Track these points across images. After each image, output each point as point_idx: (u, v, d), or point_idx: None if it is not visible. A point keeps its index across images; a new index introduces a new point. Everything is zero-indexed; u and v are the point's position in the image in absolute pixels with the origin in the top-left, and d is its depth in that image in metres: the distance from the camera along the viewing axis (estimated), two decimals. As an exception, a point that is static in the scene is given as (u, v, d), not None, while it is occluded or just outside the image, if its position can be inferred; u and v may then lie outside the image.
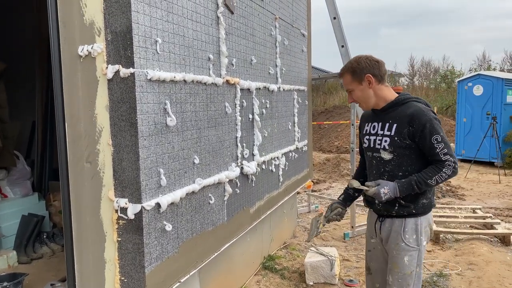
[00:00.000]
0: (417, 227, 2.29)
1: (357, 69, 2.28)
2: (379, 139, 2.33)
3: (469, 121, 11.33)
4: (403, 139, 2.22)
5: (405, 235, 2.29)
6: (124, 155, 2.21)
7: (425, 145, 2.18)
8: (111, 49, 2.17)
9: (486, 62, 19.23)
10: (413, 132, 2.19)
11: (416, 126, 2.17)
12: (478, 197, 7.66)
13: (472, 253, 4.61)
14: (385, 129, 2.29)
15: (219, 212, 3.04)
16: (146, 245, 2.23)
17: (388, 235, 2.36)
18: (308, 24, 5.41)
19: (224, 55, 3.02)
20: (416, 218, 2.30)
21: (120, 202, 2.22)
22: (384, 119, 2.31)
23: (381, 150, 2.32)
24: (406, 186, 2.20)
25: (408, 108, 2.24)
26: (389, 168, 2.30)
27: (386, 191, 2.19)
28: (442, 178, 2.18)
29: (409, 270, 2.31)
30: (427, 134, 2.15)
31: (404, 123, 2.21)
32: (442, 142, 2.15)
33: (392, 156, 2.28)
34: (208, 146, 2.86)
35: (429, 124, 2.16)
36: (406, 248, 2.29)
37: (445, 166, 2.16)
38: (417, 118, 2.18)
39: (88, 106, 2.26)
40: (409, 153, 2.24)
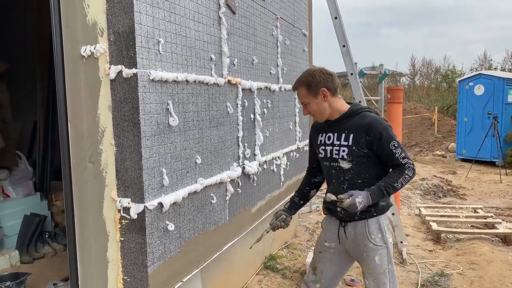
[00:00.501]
0: (380, 226, 2.38)
1: (312, 83, 2.32)
2: (336, 149, 2.39)
3: (470, 121, 11.34)
4: (361, 148, 2.31)
5: (371, 235, 2.37)
6: (127, 155, 2.21)
7: (384, 152, 2.29)
8: (113, 49, 2.18)
9: (487, 62, 19.23)
10: (370, 141, 2.29)
11: (373, 135, 2.28)
12: (479, 196, 7.66)
13: (473, 252, 4.62)
14: (341, 139, 2.37)
15: (221, 212, 3.05)
16: (149, 245, 2.24)
17: (353, 238, 2.42)
18: (309, 24, 5.41)
19: (226, 55, 3.03)
20: (377, 218, 2.38)
21: (123, 201, 2.23)
22: (340, 130, 2.39)
23: (339, 160, 2.39)
24: (377, 192, 2.27)
25: (363, 118, 2.34)
26: (349, 177, 2.38)
27: (360, 200, 2.22)
28: (406, 180, 2.29)
29: (381, 269, 2.39)
30: (385, 142, 2.27)
31: (361, 132, 2.31)
32: (399, 147, 2.28)
33: (351, 165, 2.36)
34: (210, 146, 2.87)
35: (385, 132, 2.27)
36: (374, 248, 2.37)
37: (406, 168, 2.28)
38: (374, 128, 2.28)
39: (90, 106, 2.26)
40: (367, 161, 2.34)
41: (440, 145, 13.93)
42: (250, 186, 3.53)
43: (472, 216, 5.83)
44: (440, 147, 13.72)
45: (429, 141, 14.40)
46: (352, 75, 4.69)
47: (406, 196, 7.23)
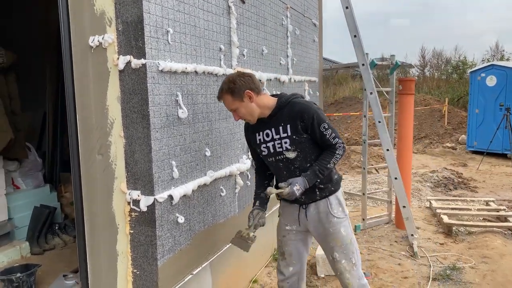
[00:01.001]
0: (339, 201, 2.52)
1: (234, 89, 2.32)
2: (278, 143, 2.42)
3: (482, 113, 11.17)
4: (300, 135, 2.37)
5: (333, 210, 2.48)
6: (136, 147, 2.19)
7: (316, 134, 2.37)
8: (122, 39, 2.14)
9: (499, 52, 18.92)
10: (305, 126, 2.36)
11: (306, 120, 2.34)
12: (490, 189, 7.55)
13: (485, 246, 4.55)
14: (280, 133, 2.41)
15: (231, 204, 3.02)
16: (158, 238, 2.22)
17: (316, 217, 2.51)
18: (319, 13, 5.33)
19: (235, 46, 2.98)
20: (336, 194, 2.51)
21: (133, 194, 2.21)
22: (276, 124, 2.42)
23: (284, 152, 2.42)
24: (312, 176, 2.36)
25: (293, 106, 2.39)
26: (298, 164, 2.43)
27: (298, 187, 2.32)
28: (337, 159, 2.40)
29: (348, 239, 2.51)
30: (316, 125, 2.34)
31: (295, 120, 2.36)
32: (330, 128, 2.36)
33: (297, 153, 2.41)
34: (219, 139, 2.83)
35: (315, 115, 2.34)
36: (339, 221, 2.49)
37: (336, 148, 2.38)
38: (306, 113, 2.34)
39: (99, 98, 2.24)
40: (309, 144, 2.41)
41: (450, 137, 13.77)
42: (259, 178, 3.49)
43: (484, 209, 5.74)
44: (450, 139, 13.56)
45: (439, 133, 14.23)
46: (363, 65, 4.61)
47: (416, 188, 7.15)
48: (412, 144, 5.48)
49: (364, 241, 4.90)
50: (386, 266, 4.13)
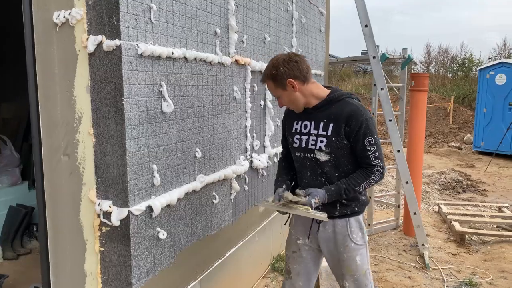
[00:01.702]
0: (360, 224, 2.20)
1: (277, 76, 2.06)
2: (313, 139, 2.14)
3: (490, 112, 10.77)
4: (341, 139, 2.08)
5: (352, 234, 2.17)
6: (108, 148, 1.80)
7: (358, 145, 2.07)
8: (93, 15, 1.74)
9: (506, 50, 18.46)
10: (349, 132, 2.06)
11: (353, 126, 2.04)
12: (501, 193, 7.18)
13: (502, 258, 4.18)
14: (319, 129, 2.12)
15: (224, 213, 2.64)
16: (134, 258, 1.84)
17: (331, 237, 2.20)
18: (327, 1, 4.92)
19: (233, 30, 2.58)
20: (358, 216, 2.20)
21: (103, 205, 1.82)
22: (318, 118, 2.13)
23: (316, 151, 2.14)
24: (335, 193, 2.07)
25: (344, 106, 2.09)
26: (326, 170, 2.14)
27: (316, 200, 2.02)
28: (370, 184, 2.10)
29: (362, 270, 2.20)
30: (361, 135, 2.04)
31: (341, 122, 2.07)
32: (375, 145, 2.06)
33: (329, 157, 2.12)
34: (212, 137, 2.44)
35: (365, 124, 2.04)
36: (356, 248, 2.18)
37: (373, 172, 2.07)
38: (355, 118, 2.04)
39: (65, 87, 1.84)
40: (346, 153, 2.11)
41: (455, 136, 13.39)
42: (258, 182, 3.10)
43: (497, 216, 5.37)
44: (455, 139, 13.18)
45: (444, 132, 13.84)
46: (374, 58, 4.21)
47: (423, 191, 6.77)
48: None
49: (370, 249, 4.52)
50: (395, 280, 3.75)
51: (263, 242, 3.71)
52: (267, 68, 2.10)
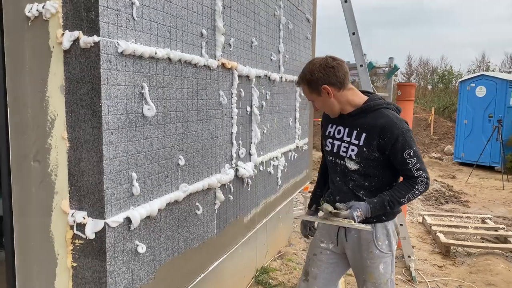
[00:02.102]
0: (388, 232, 2.16)
1: (312, 81, 2.05)
2: (345, 146, 2.14)
3: (470, 123, 10.92)
4: (372, 151, 2.05)
5: (378, 241, 2.14)
6: (83, 154, 1.64)
7: (396, 159, 2.03)
8: (69, 9, 1.60)
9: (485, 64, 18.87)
10: (383, 145, 2.02)
11: (387, 139, 2.00)
12: (483, 204, 7.22)
13: (488, 270, 4.13)
14: (352, 137, 2.11)
15: (208, 224, 2.49)
16: (110, 274, 1.68)
17: (356, 243, 2.18)
18: (314, 9, 4.85)
19: (220, 32, 2.46)
20: (386, 223, 2.15)
21: (77, 216, 1.66)
22: (352, 126, 2.12)
23: (346, 159, 2.14)
24: (379, 207, 2.03)
25: (378, 117, 2.05)
26: (355, 178, 2.14)
27: (359, 213, 1.98)
28: (415, 195, 2.05)
29: (385, 278, 2.17)
30: (399, 149, 2.00)
31: (374, 134, 2.04)
32: (415, 157, 2.00)
33: (358, 167, 2.11)
34: (197, 144, 2.30)
35: (401, 137, 1.99)
36: (380, 255, 2.14)
37: (417, 183, 2.02)
38: (389, 131, 2.00)
39: (37, 87, 1.68)
40: (376, 164, 2.09)
41: (436, 147, 13.53)
42: (243, 191, 2.97)
43: (481, 228, 5.36)
44: (436, 149, 13.32)
45: (425, 143, 13.98)
46: (361, 66, 4.15)
47: (407, 201, 6.75)
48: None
49: (355, 261, 4.42)
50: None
51: (247, 254, 3.57)
52: (302, 72, 2.09)
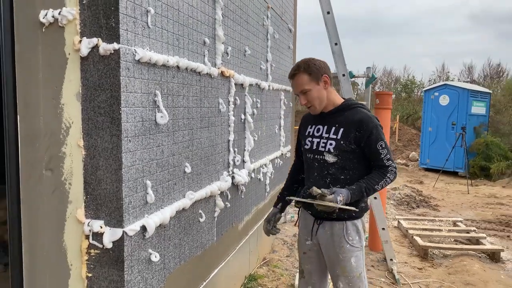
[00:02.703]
0: (357, 228, 2.30)
1: (314, 69, 2.21)
2: (324, 141, 2.29)
3: (435, 131, 11.36)
4: (349, 143, 2.22)
5: (349, 237, 2.28)
6: (101, 162, 1.62)
7: (370, 150, 2.21)
8: (87, 16, 1.59)
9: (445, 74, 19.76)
10: (359, 137, 2.20)
11: (363, 131, 2.19)
12: (451, 208, 7.51)
13: (465, 271, 4.31)
14: (330, 133, 2.28)
15: (209, 232, 2.49)
16: (127, 283, 1.66)
17: (329, 239, 2.31)
18: (294, 19, 4.96)
19: (220, 41, 2.49)
20: (356, 221, 2.30)
21: (94, 225, 1.63)
22: (330, 123, 2.29)
23: (325, 153, 2.28)
24: (357, 192, 2.18)
25: (355, 113, 2.25)
26: (332, 171, 2.27)
27: (341, 198, 2.12)
28: (386, 183, 2.22)
29: (357, 272, 2.29)
30: (373, 140, 2.19)
31: (351, 128, 2.22)
32: (386, 148, 2.20)
33: (336, 159, 2.26)
34: (200, 151, 2.31)
35: (375, 130, 2.20)
36: (351, 249, 2.28)
37: (388, 171, 2.21)
38: (365, 124, 2.20)
39: (51, 93, 1.65)
40: (352, 157, 2.24)
41: (401, 154, 13.98)
42: (238, 198, 2.99)
43: (453, 230, 5.58)
44: (401, 156, 13.76)
45: (391, 150, 14.41)
46: (344, 76, 4.26)
47: (381, 206, 6.93)
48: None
49: (339, 266, 4.51)
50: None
51: (237, 262, 3.58)
52: (300, 62, 2.23)
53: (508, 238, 5.59)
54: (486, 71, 19.59)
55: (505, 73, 19.27)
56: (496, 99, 15.29)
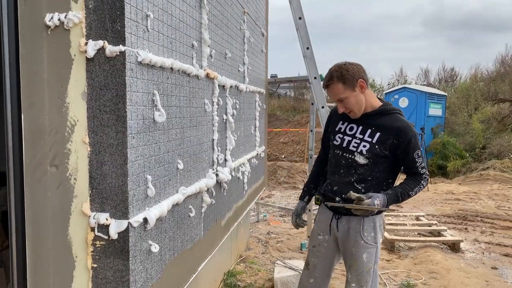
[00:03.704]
0: (374, 225, 2.36)
1: (348, 76, 2.22)
2: (357, 142, 2.32)
3: (395, 132, 11.88)
4: (384, 149, 2.26)
5: (364, 233, 2.35)
6: (106, 157, 1.71)
7: (407, 158, 2.27)
8: (93, 19, 1.68)
9: (403, 77, 20.62)
10: (397, 145, 2.25)
11: (402, 139, 2.24)
12: (413, 204, 7.92)
13: (429, 261, 4.62)
14: (365, 135, 2.31)
15: (197, 227, 2.61)
16: (132, 272, 1.76)
17: (346, 232, 2.39)
18: (266, 24, 5.15)
19: (206, 44, 2.62)
20: (374, 217, 2.36)
21: (99, 217, 1.72)
22: (367, 124, 2.32)
23: (356, 153, 2.33)
24: (393, 197, 2.24)
25: (394, 120, 2.30)
26: (360, 172, 2.32)
27: (378, 202, 2.17)
28: (420, 189, 2.31)
29: (367, 267, 2.37)
30: (411, 149, 2.25)
31: (389, 134, 2.26)
32: (421, 157, 2.29)
33: (367, 162, 2.30)
34: (190, 149, 2.43)
35: (413, 139, 2.26)
36: (365, 246, 2.35)
37: (422, 179, 2.30)
38: (404, 133, 2.24)
39: (56, 93, 1.73)
40: (383, 161, 2.29)
41: (364, 155, 14.48)
42: (221, 196, 3.12)
43: (416, 224, 5.93)
44: (365, 157, 14.26)
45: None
46: (315, 79, 4.49)
47: (348, 204, 7.23)
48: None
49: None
50: (342, 287, 3.95)
51: (218, 259, 3.69)
52: (332, 71, 2.23)
53: (466, 230, 5.99)
54: (441, 75, 20.62)
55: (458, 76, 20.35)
56: (451, 102, 16.14)
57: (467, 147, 12.41)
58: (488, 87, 16.37)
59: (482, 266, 4.60)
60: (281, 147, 15.33)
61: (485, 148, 12.11)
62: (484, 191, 8.92)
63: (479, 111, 15.06)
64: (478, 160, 11.79)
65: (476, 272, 4.39)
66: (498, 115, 13.70)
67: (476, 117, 13.96)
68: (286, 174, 9.85)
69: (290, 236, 5.48)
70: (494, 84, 16.38)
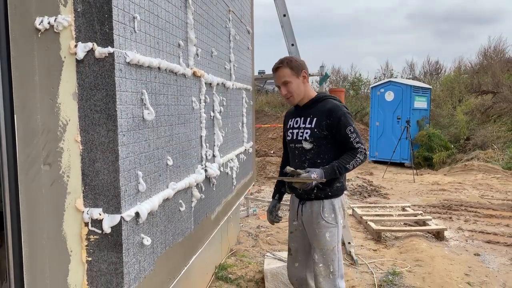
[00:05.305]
0: (333, 207, 2.59)
1: (294, 64, 2.58)
2: (301, 131, 2.63)
3: (382, 125, 12.06)
4: (322, 130, 2.54)
5: (324, 214, 2.58)
6: (98, 155, 1.79)
7: (340, 135, 2.52)
8: (82, 22, 1.75)
9: (389, 71, 20.84)
10: (330, 124, 2.52)
11: (333, 119, 2.51)
12: (399, 195, 8.09)
13: (415, 249, 4.77)
14: (306, 123, 2.61)
15: (188, 221, 2.69)
16: (125, 264, 1.83)
17: (309, 216, 2.65)
18: (252, 21, 5.21)
19: (192, 43, 2.69)
20: (332, 199, 2.60)
21: (93, 212, 1.79)
22: (306, 114, 2.64)
23: (302, 141, 2.62)
24: (330, 171, 2.47)
25: (326, 104, 2.60)
26: (309, 156, 2.61)
27: (315, 175, 2.41)
28: (357, 162, 2.52)
29: (331, 245, 2.59)
30: (342, 126, 2.50)
31: (322, 116, 2.55)
32: (354, 133, 2.50)
33: (312, 146, 2.58)
34: (178, 146, 2.50)
35: (343, 117, 2.51)
36: (326, 225, 2.58)
37: (358, 152, 2.51)
38: (334, 112, 2.53)
39: (48, 94, 1.79)
40: (326, 142, 2.56)
41: (352, 148, 14.65)
42: (210, 191, 3.20)
43: (402, 214, 6.08)
44: (352, 150, 14.44)
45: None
46: (301, 74, 4.58)
47: (336, 197, 7.36)
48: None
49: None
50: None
51: (208, 253, 3.78)
52: (284, 59, 2.60)
53: (450, 219, 6.16)
54: (426, 68, 20.87)
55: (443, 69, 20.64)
56: (436, 94, 16.40)
57: (452, 138, 12.65)
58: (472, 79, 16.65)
59: (465, 253, 4.76)
60: (270, 142, 15.43)
61: (469, 139, 12.36)
62: (468, 181, 9.13)
63: (463, 103, 15.34)
64: (463, 151, 12.03)
65: (460, 258, 4.54)
66: (482, 107, 13.96)
67: (460, 109, 14.22)
68: (275, 170, 9.94)
69: (279, 229, 5.59)
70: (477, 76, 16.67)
